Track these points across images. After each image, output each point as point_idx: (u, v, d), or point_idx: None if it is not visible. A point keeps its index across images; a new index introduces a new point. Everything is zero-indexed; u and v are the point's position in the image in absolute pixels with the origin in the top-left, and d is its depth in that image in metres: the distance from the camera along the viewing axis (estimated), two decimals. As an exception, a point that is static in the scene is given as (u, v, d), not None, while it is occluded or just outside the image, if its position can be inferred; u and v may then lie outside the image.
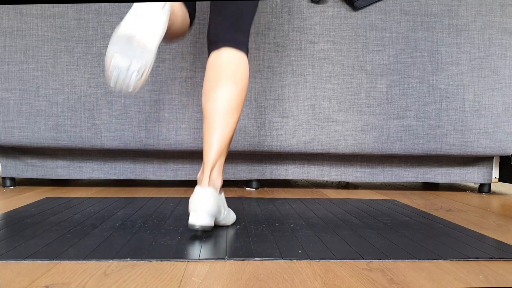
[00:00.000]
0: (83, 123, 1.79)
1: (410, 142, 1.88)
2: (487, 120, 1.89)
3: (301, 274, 0.84)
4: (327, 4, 1.83)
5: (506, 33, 1.88)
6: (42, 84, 1.77)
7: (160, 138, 1.81)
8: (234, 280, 0.80)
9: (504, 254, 0.98)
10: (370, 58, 1.85)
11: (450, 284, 0.80)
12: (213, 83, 1.13)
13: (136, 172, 1.91)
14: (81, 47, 1.77)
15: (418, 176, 2.00)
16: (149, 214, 1.34)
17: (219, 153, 1.12)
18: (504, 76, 1.89)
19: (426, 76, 1.87)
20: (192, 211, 1.05)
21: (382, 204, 1.61)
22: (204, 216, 1.05)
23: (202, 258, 0.92)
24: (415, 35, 1.86)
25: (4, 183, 1.89)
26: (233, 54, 1.15)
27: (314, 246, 1.02)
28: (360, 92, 1.86)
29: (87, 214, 1.33)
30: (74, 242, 1.02)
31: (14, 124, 1.77)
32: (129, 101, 1.80)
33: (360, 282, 0.80)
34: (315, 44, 1.84)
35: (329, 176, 1.98)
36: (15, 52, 1.76)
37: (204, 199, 1.05)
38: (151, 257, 0.91)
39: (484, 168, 2.01)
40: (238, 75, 1.14)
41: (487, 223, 1.34)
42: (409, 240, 1.09)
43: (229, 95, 1.12)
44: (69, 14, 1.76)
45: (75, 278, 0.80)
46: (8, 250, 0.95)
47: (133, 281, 0.79)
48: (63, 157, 1.90)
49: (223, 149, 1.12)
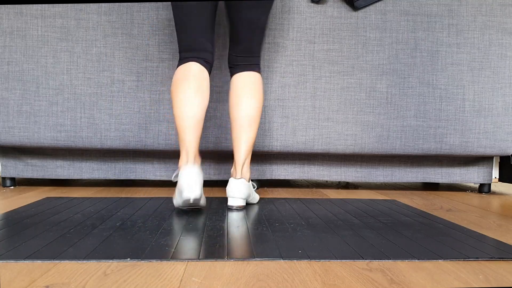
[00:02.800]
0: (83, 123, 1.79)
1: (410, 142, 1.88)
2: (487, 120, 1.89)
3: (301, 274, 0.84)
4: (327, 4, 1.83)
5: (506, 33, 1.88)
6: (42, 84, 1.77)
7: (160, 138, 1.81)
8: (234, 280, 0.80)
9: (504, 254, 0.98)
10: (370, 58, 1.85)
11: (450, 284, 0.80)
12: (238, 99, 1.48)
13: (136, 172, 1.91)
14: (81, 47, 1.77)
15: (418, 176, 2.00)
16: (149, 214, 1.34)
17: (247, 153, 1.48)
18: (504, 76, 1.89)
19: (426, 76, 1.87)
20: (230, 197, 1.46)
21: (382, 204, 1.61)
22: (239, 200, 1.46)
23: (202, 258, 0.92)
24: (415, 35, 1.86)
25: (4, 183, 1.89)
26: (249, 75, 1.50)
27: (314, 246, 1.02)
28: (360, 92, 1.86)
29: (87, 214, 1.33)
30: (74, 242, 1.02)
31: (14, 124, 1.77)
32: (129, 101, 1.80)
33: (360, 282, 0.80)
34: (315, 44, 1.84)
35: (329, 176, 1.98)
36: (15, 52, 1.76)
37: (237, 187, 1.45)
38: (151, 257, 0.91)
39: (484, 168, 2.01)
40: (255, 91, 1.49)
41: (487, 223, 1.34)
42: (409, 240, 1.09)
43: (250, 107, 1.47)
44: (69, 14, 1.76)
45: (75, 278, 0.80)
46: (8, 250, 0.95)
47: (133, 281, 0.79)
48: (63, 157, 1.90)
49: (249, 150, 1.49)
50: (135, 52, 1.79)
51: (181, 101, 1.37)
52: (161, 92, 1.80)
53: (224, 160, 1.93)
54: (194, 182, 1.30)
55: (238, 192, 1.44)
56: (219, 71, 1.82)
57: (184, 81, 1.38)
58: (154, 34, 1.79)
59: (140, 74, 1.79)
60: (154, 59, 1.79)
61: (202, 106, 1.39)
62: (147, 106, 1.80)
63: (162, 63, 1.80)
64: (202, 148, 1.84)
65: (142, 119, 1.80)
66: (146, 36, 1.79)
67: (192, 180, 1.30)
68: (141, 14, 1.78)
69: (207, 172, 1.93)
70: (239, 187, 1.44)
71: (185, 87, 1.37)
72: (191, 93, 1.37)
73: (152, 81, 1.80)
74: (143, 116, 1.80)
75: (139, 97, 1.80)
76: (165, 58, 1.79)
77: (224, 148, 1.84)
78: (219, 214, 1.37)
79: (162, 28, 1.79)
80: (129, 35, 1.78)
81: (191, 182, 1.30)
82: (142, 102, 1.80)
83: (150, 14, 1.79)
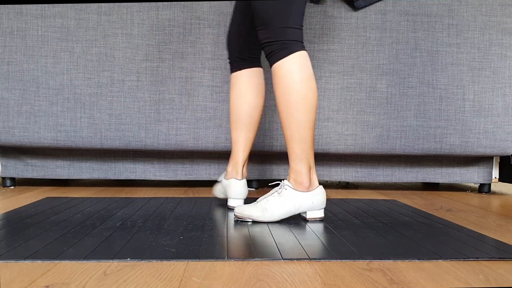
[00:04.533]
0: (83, 123, 1.79)
1: (410, 142, 1.88)
2: (487, 120, 1.89)
3: (301, 274, 0.84)
4: (327, 4, 1.83)
5: (506, 33, 1.88)
6: (42, 84, 1.77)
7: (160, 138, 1.81)
8: (234, 280, 0.80)
9: (504, 254, 0.98)
10: (370, 58, 1.85)
11: (450, 284, 0.80)
12: (239, 95, 1.45)
13: (136, 172, 1.91)
14: (81, 47, 1.77)
15: (418, 176, 2.00)
16: (149, 214, 1.34)
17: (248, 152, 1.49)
18: (504, 76, 1.89)
19: (426, 76, 1.87)
20: (232, 198, 1.45)
21: (382, 204, 1.61)
22: (241, 201, 1.46)
23: (202, 258, 0.92)
24: (415, 35, 1.86)
25: (4, 183, 1.89)
26: (250, 72, 1.46)
27: (314, 246, 1.02)
28: (360, 92, 1.86)
29: (87, 214, 1.33)
30: (74, 242, 1.02)
31: (14, 124, 1.77)
32: (129, 101, 1.80)
33: (360, 282, 0.80)
34: (315, 44, 1.84)
35: (329, 176, 1.98)
36: (15, 52, 1.76)
37: (240, 189, 1.45)
38: (151, 257, 0.91)
39: (484, 168, 2.01)
40: (256, 86, 1.45)
41: (487, 223, 1.34)
42: (409, 240, 1.09)
43: (250, 103, 1.44)
44: (69, 14, 1.76)
45: (75, 278, 0.80)
46: (8, 250, 0.95)
47: (133, 281, 0.79)
48: (63, 157, 1.90)
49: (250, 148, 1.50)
50: (135, 52, 1.79)
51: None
52: (161, 92, 1.80)
53: (223, 160, 1.93)
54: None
55: (240, 194, 1.45)
56: (220, 71, 1.82)
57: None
58: (154, 34, 1.79)
59: (140, 74, 1.79)
60: (154, 59, 1.79)
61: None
62: (147, 106, 1.80)
63: (162, 63, 1.80)
64: (202, 148, 1.84)
65: (142, 119, 1.80)
66: (146, 36, 1.79)
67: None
68: (141, 14, 1.78)
69: (207, 172, 1.93)
70: (241, 188, 1.45)
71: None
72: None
73: (152, 81, 1.80)
74: (143, 116, 1.80)
75: (139, 97, 1.80)
76: (165, 58, 1.79)
77: (224, 148, 1.84)
78: (219, 214, 1.37)
79: (162, 28, 1.79)
80: (129, 35, 1.78)
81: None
82: (142, 102, 1.80)
83: (150, 14, 1.79)
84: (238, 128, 1.47)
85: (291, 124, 1.24)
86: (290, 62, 1.23)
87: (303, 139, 1.25)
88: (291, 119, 1.24)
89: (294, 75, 1.22)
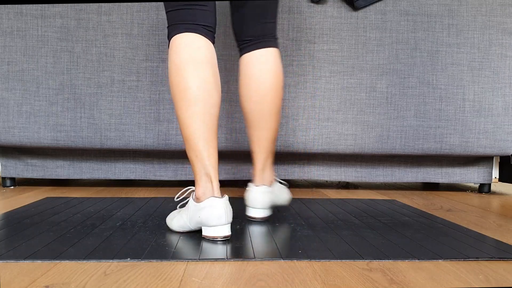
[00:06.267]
0: (83, 123, 1.79)
1: (410, 142, 1.88)
2: (487, 120, 1.89)
3: (301, 274, 0.84)
4: (327, 4, 1.83)
5: (506, 33, 1.88)
6: (42, 84, 1.77)
7: (160, 138, 1.81)
8: (234, 280, 0.80)
9: (504, 254, 0.98)
10: (370, 58, 1.85)
11: (450, 284, 0.80)
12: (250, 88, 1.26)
13: (136, 172, 1.91)
14: (81, 47, 1.77)
15: (418, 176, 2.00)
16: (149, 214, 1.34)
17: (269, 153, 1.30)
18: (504, 76, 1.89)
19: (426, 76, 1.87)
20: (250, 208, 1.28)
21: (382, 204, 1.61)
22: (261, 211, 1.27)
23: (202, 258, 0.92)
24: (415, 35, 1.86)
25: (4, 183, 1.89)
26: (258, 65, 1.28)
27: (314, 246, 1.02)
28: (360, 92, 1.86)
29: (87, 214, 1.33)
30: (74, 242, 1.02)
31: (14, 124, 1.77)
32: (129, 101, 1.80)
33: (360, 282, 0.80)
34: (315, 44, 1.84)
35: (329, 176, 1.98)
36: (15, 52, 1.76)
37: (258, 197, 1.27)
38: (151, 257, 0.91)
39: (484, 168, 2.01)
40: (264, 81, 1.27)
41: (487, 223, 1.34)
42: (409, 240, 1.09)
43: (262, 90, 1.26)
44: (69, 14, 1.76)
45: (75, 278, 0.80)
46: (8, 250, 0.95)
47: (133, 281, 0.79)
48: (63, 157, 1.90)
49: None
50: (135, 52, 1.79)
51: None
52: (161, 92, 1.80)
53: (223, 160, 1.93)
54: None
55: (259, 202, 1.26)
56: (219, 71, 1.82)
57: None
58: (154, 34, 1.79)
59: (140, 74, 1.79)
60: (154, 59, 1.79)
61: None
62: (147, 106, 1.80)
63: (162, 63, 1.80)
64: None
65: (142, 119, 1.80)
66: (146, 36, 1.79)
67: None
68: (141, 14, 1.78)
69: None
70: (260, 196, 1.26)
71: None
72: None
73: (152, 81, 1.80)
74: (143, 116, 1.80)
75: (139, 97, 1.80)
76: (165, 58, 1.79)
77: (223, 148, 1.84)
78: (219, 214, 1.37)
79: (162, 28, 1.79)
80: (129, 35, 1.78)
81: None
82: (142, 102, 1.80)
83: (150, 14, 1.79)
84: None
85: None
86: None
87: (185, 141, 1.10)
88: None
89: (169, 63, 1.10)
